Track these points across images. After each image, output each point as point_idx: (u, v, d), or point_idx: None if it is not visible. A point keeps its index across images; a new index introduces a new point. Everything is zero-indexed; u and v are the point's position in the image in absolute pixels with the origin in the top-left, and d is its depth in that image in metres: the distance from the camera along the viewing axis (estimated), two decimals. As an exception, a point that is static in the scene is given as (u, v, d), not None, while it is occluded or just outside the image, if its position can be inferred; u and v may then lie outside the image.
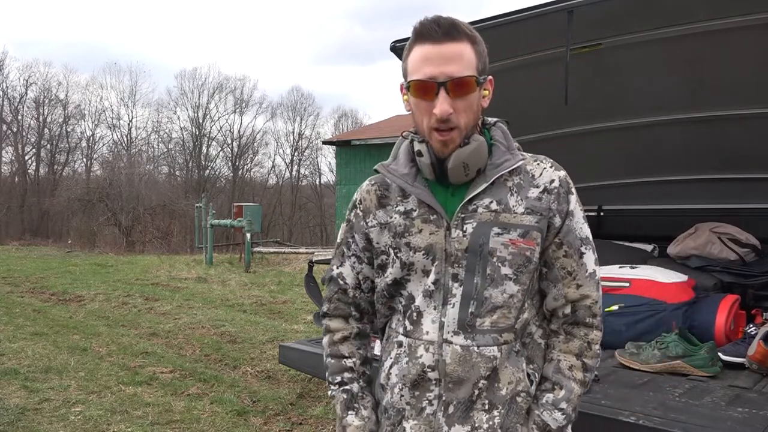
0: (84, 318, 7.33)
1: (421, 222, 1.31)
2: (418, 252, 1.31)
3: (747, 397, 2.03)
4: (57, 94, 32.06)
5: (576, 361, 1.34)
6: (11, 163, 31.31)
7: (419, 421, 1.31)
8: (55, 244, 22.06)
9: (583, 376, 1.34)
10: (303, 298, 8.48)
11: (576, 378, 1.33)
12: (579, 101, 2.85)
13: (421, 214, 1.32)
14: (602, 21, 2.75)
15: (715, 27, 2.66)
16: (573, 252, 1.33)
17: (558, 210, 1.32)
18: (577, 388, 1.33)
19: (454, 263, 1.28)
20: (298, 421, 3.95)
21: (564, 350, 1.35)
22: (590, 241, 1.36)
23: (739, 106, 3.12)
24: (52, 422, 3.82)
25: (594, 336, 1.35)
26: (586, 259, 1.34)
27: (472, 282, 1.28)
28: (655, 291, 2.72)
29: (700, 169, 3.65)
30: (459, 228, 1.28)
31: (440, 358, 1.29)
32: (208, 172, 34.22)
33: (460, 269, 1.28)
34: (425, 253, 1.30)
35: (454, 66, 1.23)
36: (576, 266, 1.34)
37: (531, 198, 1.30)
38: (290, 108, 37.01)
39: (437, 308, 1.30)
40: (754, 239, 3.20)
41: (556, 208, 1.31)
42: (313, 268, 2.92)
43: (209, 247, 14.02)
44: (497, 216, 1.27)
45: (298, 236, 31.58)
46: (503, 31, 2.81)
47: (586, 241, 1.35)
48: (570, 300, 1.34)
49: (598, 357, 1.37)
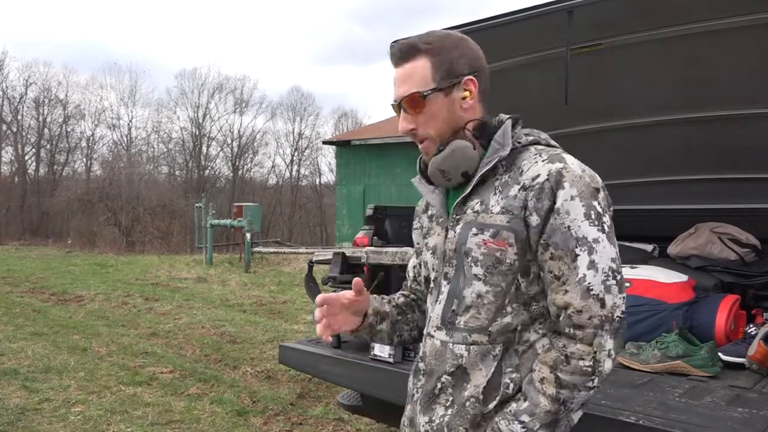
0: (84, 318, 7.34)
1: (436, 224, 1.44)
2: (428, 252, 1.44)
3: (747, 397, 2.03)
4: (57, 94, 32.05)
5: (549, 374, 1.22)
6: (11, 163, 31.32)
7: (411, 406, 1.44)
8: (55, 244, 22.06)
9: (556, 392, 1.21)
10: (303, 298, 8.48)
11: (546, 392, 1.21)
12: (579, 101, 2.85)
13: (437, 217, 1.44)
14: (602, 21, 2.75)
15: (715, 27, 2.66)
16: (563, 254, 1.22)
17: (536, 208, 1.24)
18: (545, 403, 1.21)
19: (447, 263, 1.36)
20: (298, 421, 3.95)
21: (541, 360, 1.25)
22: (588, 241, 1.21)
23: (739, 106, 3.12)
24: (52, 422, 3.82)
25: (575, 350, 1.20)
26: (580, 262, 1.21)
27: (458, 281, 1.33)
28: (656, 291, 2.72)
29: (700, 169, 3.65)
30: (453, 229, 1.36)
31: (425, 351, 1.41)
32: (208, 172, 34.20)
33: (451, 268, 1.35)
34: (432, 253, 1.42)
35: (405, 86, 1.34)
36: (566, 270, 1.22)
37: (510, 196, 1.27)
38: (290, 108, 36.98)
39: (433, 304, 1.41)
40: (754, 239, 3.20)
41: (533, 206, 1.24)
42: (313, 268, 2.91)
43: (209, 247, 14.03)
44: (477, 216, 1.31)
45: (298, 236, 31.57)
46: (503, 31, 2.81)
47: (582, 241, 1.22)
48: (557, 306, 1.24)
49: (585, 375, 1.20)
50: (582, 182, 1.24)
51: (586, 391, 1.22)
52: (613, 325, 1.21)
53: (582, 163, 1.30)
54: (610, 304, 1.21)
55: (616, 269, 1.24)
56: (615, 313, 1.22)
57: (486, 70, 1.40)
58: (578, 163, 1.28)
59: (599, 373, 1.21)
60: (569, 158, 1.28)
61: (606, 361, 1.21)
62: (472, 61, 1.36)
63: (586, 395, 1.22)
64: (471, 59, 1.36)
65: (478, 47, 1.40)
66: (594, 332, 1.20)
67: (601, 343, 1.20)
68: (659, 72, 3.09)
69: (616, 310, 1.22)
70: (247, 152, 35.57)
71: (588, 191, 1.24)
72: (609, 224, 1.25)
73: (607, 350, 1.21)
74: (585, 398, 1.23)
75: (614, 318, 1.21)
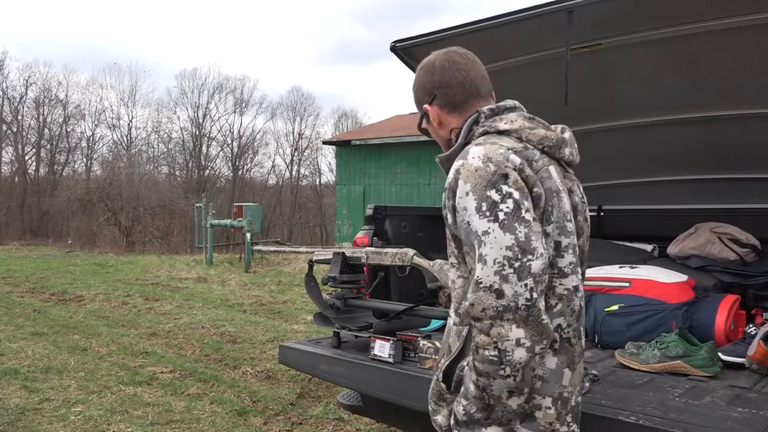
0: (84, 318, 7.34)
1: None
2: None
3: (747, 397, 2.03)
4: (57, 94, 32.07)
5: (471, 361, 1.28)
6: (11, 163, 31.33)
7: None
8: (55, 244, 22.07)
9: (476, 378, 1.26)
10: (303, 298, 8.48)
11: (471, 378, 1.28)
12: (579, 101, 2.85)
13: None
14: (602, 21, 2.75)
15: (715, 27, 2.66)
16: (469, 249, 1.30)
17: (448, 207, 1.37)
18: (472, 388, 1.28)
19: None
20: (298, 421, 3.95)
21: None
22: (478, 235, 1.24)
23: (739, 106, 3.12)
24: (52, 422, 3.82)
25: (479, 340, 1.23)
26: (479, 256, 1.24)
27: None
28: (655, 291, 2.72)
29: (700, 169, 3.65)
30: None
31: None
32: (208, 172, 34.21)
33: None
34: None
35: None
36: (474, 264, 1.26)
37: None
38: (290, 108, 37.00)
39: None
40: (754, 239, 3.20)
41: (447, 205, 1.37)
42: (313, 268, 2.91)
43: (209, 247, 14.03)
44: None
45: (298, 236, 31.56)
46: (503, 31, 2.81)
47: (475, 236, 1.26)
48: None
49: (493, 364, 1.22)
50: (477, 175, 1.27)
51: (501, 379, 1.23)
52: (519, 313, 1.19)
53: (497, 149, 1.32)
54: (509, 294, 1.19)
55: (513, 257, 1.21)
56: (518, 301, 1.19)
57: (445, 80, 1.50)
58: (483, 154, 1.31)
59: (509, 362, 1.21)
60: (474, 151, 1.33)
61: (515, 350, 1.20)
62: (426, 87, 1.54)
63: (504, 383, 1.23)
64: (425, 85, 1.54)
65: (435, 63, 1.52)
66: (490, 323, 1.20)
67: (501, 333, 1.19)
68: (659, 72, 3.09)
69: (518, 298, 1.19)
70: (247, 152, 35.61)
71: (483, 183, 1.26)
72: (509, 210, 1.24)
73: (513, 339, 1.19)
74: (506, 386, 1.24)
75: (519, 306, 1.19)
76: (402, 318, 2.66)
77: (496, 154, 1.31)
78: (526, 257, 1.21)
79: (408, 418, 2.68)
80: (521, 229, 1.23)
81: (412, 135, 15.72)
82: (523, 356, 1.21)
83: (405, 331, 2.54)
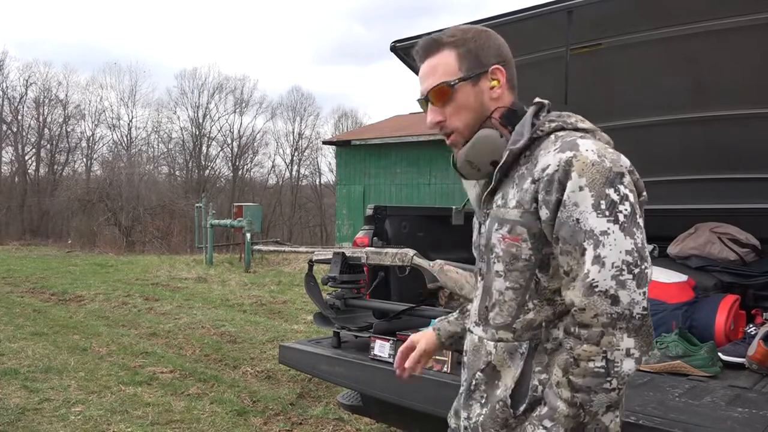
0: (84, 318, 7.34)
1: (475, 219, 1.46)
2: (472, 247, 1.46)
3: (747, 397, 2.03)
4: (57, 94, 32.06)
5: (562, 378, 1.16)
6: (11, 163, 31.32)
7: (457, 397, 1.45)
8: (55, 244, 22.07)
9: (571, 395, 1.15)
10: (303, 298, 8.48)
11: (562, 396, 1.16)
12: (579, 101, 2.84)
13: (475, 212, 1.45)
14: (602, 21, 2.75)
15: (715, 27, 2.66)
16: (571, 249, 1.16)
17: (545, 201, 1.18)
18: (563, 408, 1.16)
19: (481, 258, 1.37)
20: (298, 421, 3.95)
21: (557, 363, 1.19)
22: (595, 234, 1.13)
23: (739, 106, 3.12)
24: (52, 422, 3.82)
25: (582, 351, 1.13)
26: (587, 257, 1.13)
27: (489, 277, 1.33)
28: (655, 291, 2.71)
29: (700, 169, 3.65)
30: (484, 224, 1.36)
31: (467, 346, 1.40)
32: (208, 172, 34.21)
33: (484, 264, 1.35)
34: (475, 248, 1.44)
35: (431, 79, 1.34)
36: (575, 265, 1.15)
37: (524, 189, 1.23)
38: (290, 108, 36.99)
39: (474, 300, 1.41)
40: (754, 239, 3.20)
41: (543, 199, 1.19)
42: (313, 268, 2.91)
43: (209, 247, 14.04)
44: (498, 210, 1.30)
45: (298, 236, 31.56)
46: (503, 31, 2.76)
47: (589, 234, 1.13)
48: (566, 304, 1.19)
49: (598, 377, 1.12)
50: (594, 170, 1.15)
51: (604, 393, 1.14)
52: (633, 322, 1.12)
53: (605, 147, 1.22)
54: (626, 301, 1.11)
55: (633, 262, 1.12)
56: (634, 309, 1.11)
57: (512, 60, 1.38)
58: (596, 148, 1.19)
59: (617, 374, 1.12)
60: (585, 143, 1.20)
61: (624, 360, 1.12)
62: (498, 51, 1.36)
63: (606, 397, 1.15)
64: (496, 49, 1.36)
65: (502, 39, 1.40)
66: (602, 331, 1.11)
67: (612, 342, 1.11)
68: (659, 72, 3.09)
69: (635, 306, 1.11)
70: (247, 152, 35.61)
71: (601, 179, 1.15)
72: (628, 213, 1.15)
73: (623, 349, 1.11)
74: (608, 400, 1.16)
75: (633, 315, 1.11)
76: (402, 318, 2.67)
77: (607, 151, 1.20)
78: (644, 264, 1.14)
79: (408, 418, 2.69)
80: (638, 234, 1.15)
81: (412, 135, 15.74)
82: (632, 368, 1.13)
83: (405, 331, 2.54)
